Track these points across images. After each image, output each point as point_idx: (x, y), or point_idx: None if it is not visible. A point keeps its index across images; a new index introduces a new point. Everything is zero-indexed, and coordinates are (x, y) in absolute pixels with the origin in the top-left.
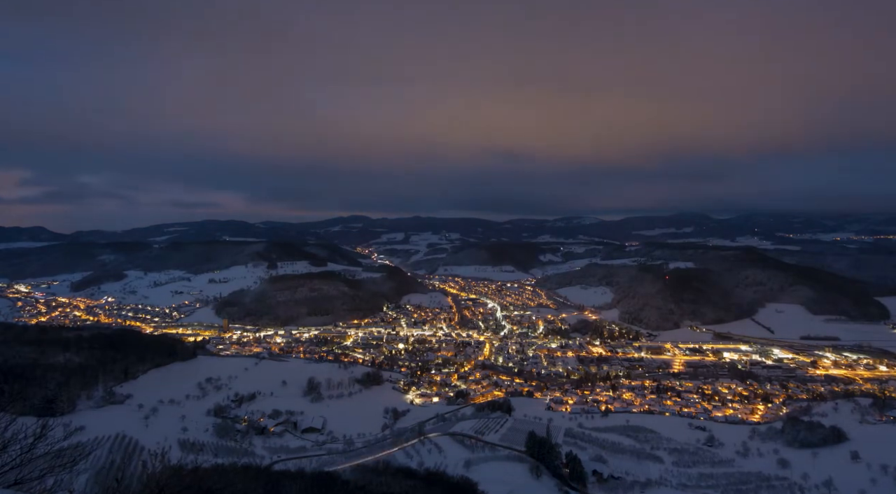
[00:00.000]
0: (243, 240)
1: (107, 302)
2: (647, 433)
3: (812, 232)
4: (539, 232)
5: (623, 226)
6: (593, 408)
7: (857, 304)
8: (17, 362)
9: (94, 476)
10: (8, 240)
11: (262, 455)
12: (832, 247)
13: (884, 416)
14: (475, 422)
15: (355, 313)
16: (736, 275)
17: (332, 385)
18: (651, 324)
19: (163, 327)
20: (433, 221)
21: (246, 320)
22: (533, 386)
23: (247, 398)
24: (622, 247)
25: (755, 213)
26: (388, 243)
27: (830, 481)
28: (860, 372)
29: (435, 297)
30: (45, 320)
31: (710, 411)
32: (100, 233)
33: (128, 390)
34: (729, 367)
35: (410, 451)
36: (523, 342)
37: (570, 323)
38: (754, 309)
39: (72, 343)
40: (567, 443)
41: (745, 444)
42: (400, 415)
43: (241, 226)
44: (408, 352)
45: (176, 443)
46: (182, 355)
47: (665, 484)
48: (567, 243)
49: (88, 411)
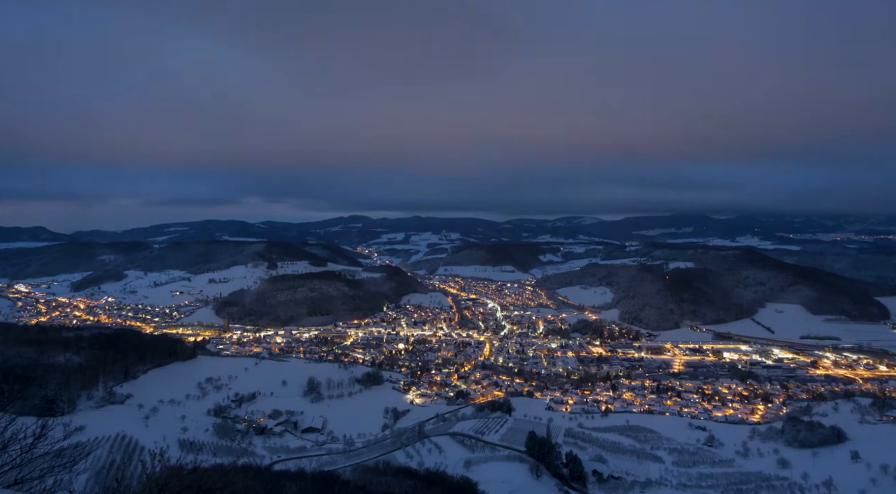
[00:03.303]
0: (243, 240)
1: (107, 302)
2: (647, 433)
3: (812, 232)
4: (539, 232)
5: (623, 226)
6: (593, 408)
7: (857, 304)
8: (17, 362)
9: (94, 476)
10: (8, 240)
11: (262, 455)
12: (832, 246)
13: (884, 416)
14: (475, 422)
15: (355, 313)
16: (736, 275)
17: (332, 385)
18: (651, 324)
19: (163, 327)
20: (433, 221)
21: (246, 320)
22: (533, 385)
23: (247, 398)
24: (622, 247)
25: (755, 213)
26: (388, 243)
27: (830, 481)
28: (860, 372)
29: (435, 297)
30: (45, 320)
31: (710, 411)
32: (100, 233)
33: (128, 390)
34: (729, 367)
35: (410, 451)
36: (523, 342)
37: (570, 323)
38: (754, 309)
39: (72, 343)
40: (567, 443)
41: (746, 444)
42: (400, 415)
43: (241, 225)
44: (408, 352)
45: (176, 443)
46: (182, 355)
47: (665, 484)
48: (567, 243)
49: (88, 411)
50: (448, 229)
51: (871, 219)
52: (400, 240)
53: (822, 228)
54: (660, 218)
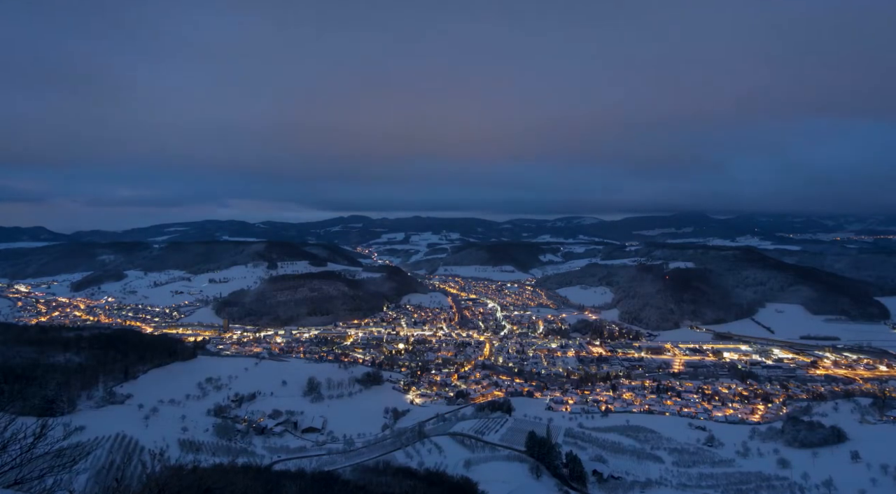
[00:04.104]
0: (243, 240)
1: (107, 302)
2: (647, 433)
3: (812, 232)
4: (539, 232)
5: (623, 226)
6: (593, 408)
7: (857, 304)
8: (17, 362)
9: (94, 475)
10: (8, 240)
11: (262, 454)
12: (832, 246)
13: (884, 416)
14: (475, 422)
15: (355, 313)
16: (736, 275)
17: (332, 385)
18: (651, 324)
19: (163, 327)
20: (433, 221)
21: (246, 320)
22: (533, 385)
23: (247, 398)
24: (622, 247)
25: (755, 213)
26: (388, 243)
27: (830, 481)
28: (860, 371)
29: (435, 297)
30: (45, 320)
31: (710, 411)
32: (100, 233)
33: (128, 390)
34: (729, 367)
35: (410, 451)
36: (523, 342)
37: (570, 323)
38: (754, 308)
39: (72, 343)
40: (567, 443)
41: (746, 444)
42: (400, 415)
43: (241, 226)
44: (408, 352)
45: (176, 443)
46: (182, 355)
47: (665, 484)
48: (567, 243)
49: (88, 411)
50: (448, 229)
51: (871, 219)
52: (400, 240)
53: (822, 228)
54: (660, 218)
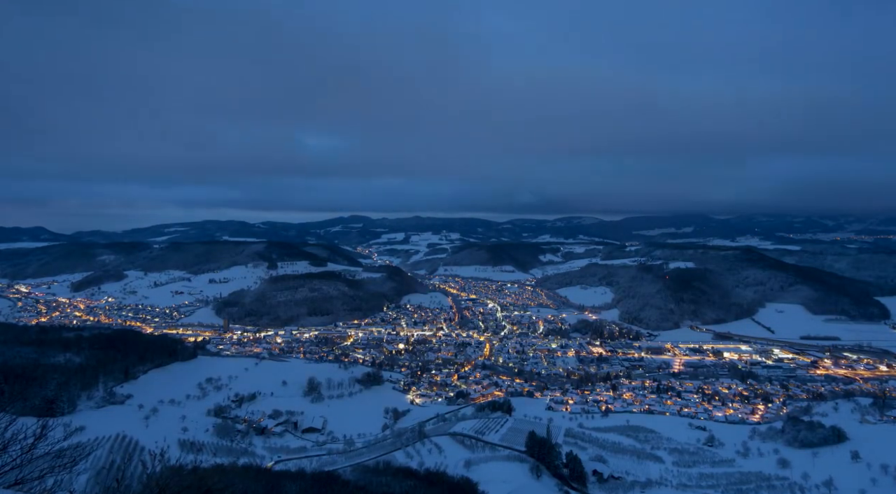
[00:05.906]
0: (243, 240)
1: (107, 302)
2: (648, 433)
3: (812, 232)
4: (539, 232)
5: (623, 226)
6: (593, 408)
7: (858, 304)
8: (17, 362)
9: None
10: (8, 240)
11: (262, 455)
12: (832, 246)
13: (884, 416)
14: (475, 422)
15: (355, 313)
16: (736, 275)
17: (332, 385)
18: (651, 324)
19: (163, 327)
20: (433, 221)
21: (246, 320)
22: (533, 385)
23: (247, 398)
24: (622, 247)
25: (755, 213)
26: (388, 243)
27: (831, 481)
28: (860, 371)
29: (435, 297)
30: (45, 320)
31: (711, 411)
32: (100, 233)
33: (128, 390)
34: (729, 367)
35: (411, 451)
36: (523, 342)
37: (570, 323)
38: (754, 308)
39: (72, 343)
40: (567, 443)
41: (746, 444)
42: (400, 415)
43: (241, 226)
44: (408, 352)
45: (176, 443)
46: (182, 355)
47: (665, 484)
48: (567, 243)
49: (88, 411)
50: (448, 229)
51: (871, 219)
52: (400, 240)
53: (822, 228)
54: (660, 218)
